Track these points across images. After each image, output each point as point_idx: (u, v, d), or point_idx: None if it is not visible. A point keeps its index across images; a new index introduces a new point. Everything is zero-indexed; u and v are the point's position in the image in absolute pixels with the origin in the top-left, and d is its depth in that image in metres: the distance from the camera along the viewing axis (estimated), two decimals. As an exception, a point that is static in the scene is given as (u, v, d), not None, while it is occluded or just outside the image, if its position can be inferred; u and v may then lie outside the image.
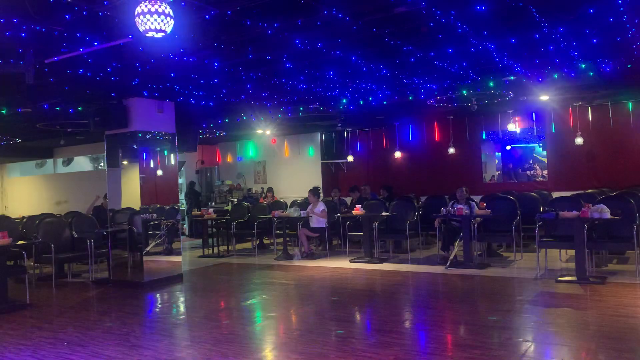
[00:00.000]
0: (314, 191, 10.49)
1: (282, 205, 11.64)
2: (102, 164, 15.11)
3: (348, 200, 12.30)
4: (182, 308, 6.98)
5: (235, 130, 13.95)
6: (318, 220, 10.24)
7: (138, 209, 8.30)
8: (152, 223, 8.45)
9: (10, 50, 5.65)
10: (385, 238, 10.17)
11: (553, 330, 5.11)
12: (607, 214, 6.90)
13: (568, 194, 9.01)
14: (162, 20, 4.03)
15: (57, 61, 6.02)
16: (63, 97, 8.27)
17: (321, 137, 14.99)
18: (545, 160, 13.67)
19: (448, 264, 8.37)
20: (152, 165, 8.66)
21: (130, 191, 8.39)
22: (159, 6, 4.01)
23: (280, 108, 10.59)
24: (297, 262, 9.70)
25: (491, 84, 8.97)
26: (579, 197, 8.32)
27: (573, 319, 5.47)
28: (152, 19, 4.00)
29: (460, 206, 8.42)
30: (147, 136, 8.46)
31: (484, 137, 13.36)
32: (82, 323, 6.01)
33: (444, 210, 8.58)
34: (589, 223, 7.05)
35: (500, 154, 16.14)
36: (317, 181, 14.43)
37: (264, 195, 14.01)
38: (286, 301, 7.06)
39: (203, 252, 11.35)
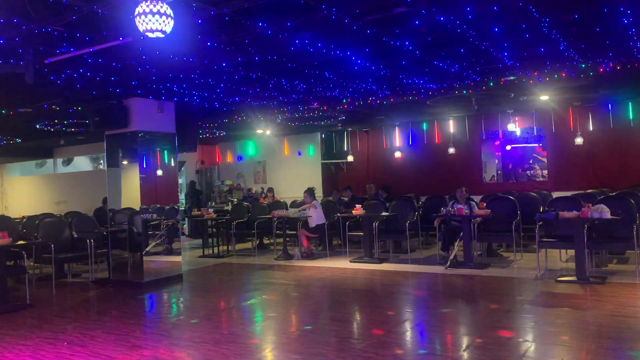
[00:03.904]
0: (310, 192, 10.49)
1: (282, 205, 11.65)
2: (102, 164, 15.11)
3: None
4: (182, 308, 6.98)
5: (235, 130, 13.96)
6: (316, 218, 10.21)
7: (138, 209, 8.30)
8: (152, 223, 8.45)
9: (10, 50, 5.65)
10: (385, 238, 10.16)
11: (553, 330, 5.11)
12: (607, 214, 6.90)
13: (568, 194, 9.00)
14: (162, 21, 4.03)
15: (57, 61, 6.03)
16: (63, 97, 8.27)
17: (321, 137, 14.99)
18: (545, 160, 13.67)
19: (448, 264, 8.37)
20: (152, 165, 8.66)
21: (130, 191, 8.39)
22: (159, 6, 4.01)
23: (280, 108, 10.60)
24: (297, 262, 9.70)
25: (491, 84, 8.97)
26: (579, 197, 8.31)
27: (573, 319, 5.47)
28: (152, 19, 4.00)
29: (460, 206, 8.42)
30: (147, 136, 8.46)
31: (484, 137, 13.36)
32: (82, 323, 6.02)
33: (444, 210, 8.57)
34: (589, 223, 7.04)
35: (500, 154, 16.13)
36: (317, 181, 14.43)
37: (264, 195, 14.01)
38: (286, 301, 7.06)
39: (203, 252, 11.35)
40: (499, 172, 15.90)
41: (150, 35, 4.11)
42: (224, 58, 6.63)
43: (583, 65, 7.82)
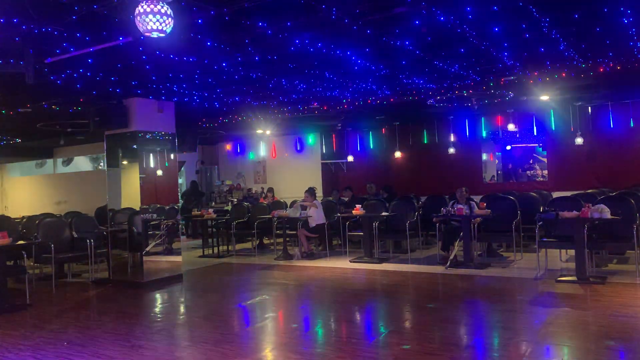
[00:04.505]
0: (311, 192, 10.50)
1: (282, 205, 11.65)
2: (102, 164, 15.10)
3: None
4: (182, 308, 6.98)
5: (235, 130, 13.96)
6: (316, 217, 10.21)
7: (138, 209, 8.30)
8: (152, 223, 8.45)
9: (10, 50, 5.65)
10: (385, 238, 10.16)
11: (553, 330, 5.10)
12: (607, 214, 6.90)
13: (568, 194, 9.00)
14: (162, 21, 4.03)
15: (57, 61, 6.03)
16: (63, 97, 8.27)
17: (321, 137, 14.99)
18: (545, 160, 13.68)
19: (448, 264, 8.37)
20: (152, 165, 8.66)
21: (130, 191, 8.39)
22: (159, 6, 4.01)
23: (280, 108, 10.60)
24: (297, 262, 9.70)
25: (491, 84, 8.97)
26: (579, 197, 8.31)
27: (573, 319, 5.47)
28: (152, 19, 4.00)
29: (460, 206, 8.42)
30: (147, 136, 8.46)
31: (484, 137, 13.36)
32: (82, 323, 6.02)
33: (444, 210, 8.57)
34: (589, 223, 7.04)
35: (500, 154, 16.13)
36: (317, 181, 14.43)
37: (264, 195, 14.01)
38: (286, 301, 7.06)
39: (203, 252, 11.35)
40: (499, 172, 15.90)
41: (150, 35, 4.11)
42: (224, 58, 6.63)
43: (583, 65, 7.82)
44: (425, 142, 13.81)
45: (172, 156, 8.91)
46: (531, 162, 15.96)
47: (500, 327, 5.22)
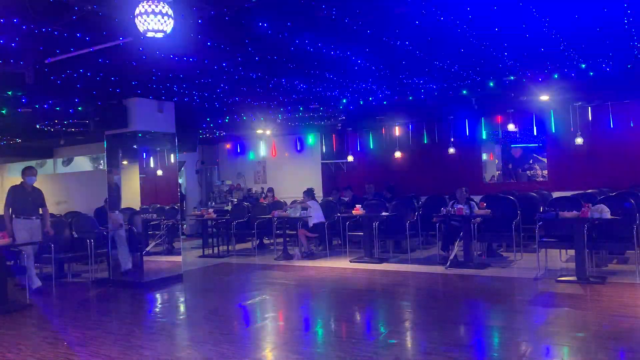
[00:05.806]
0: (308, 192, 10.49)
1: (282, 205, 11.65)
2: (102, 164, 15.09)
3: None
4: (182, 308, 6.98)
5: (235, 130, 13.95)
6: (315, 216, 10.21)
7: (138, 209, 8.30)
8: (152, 223, 8.44)
9: (10, 50, 5.65)
10: (385, 238, 10.16)
11: (553, 330, 5.10)
12: (607, 214, 6.90)
13: (568, 194, 9.00)
14: (162, 20, 4.04)
15: (57, 61, 6.03)
16: (63, 97, 8.27)
17: (321, 137, 14.99)
18: (545, 160, 13.68)
19: (448, 264, 8.37)
20: (152, 165, 8.66)
21: (130, 191, 8.38)
22: (159, 6, 4.01)
23: (280, 108, 10.60)
24: (297, 262, 9.70)
25: (491, 84, 8.98)
26: (579, 197, 8.31)
27: (573, 319, 5.47)
28: (152, 19, 4.00)
29: (460, 206, 8.42)
30: (147, 136, 8.45)
31: (484, 137, 13.37)
32: (82, 323, 6.01)
33: (444, 210, 8.57)
34: (589, 223, 7.04)
35: (500, 154, 16.13)
36: (317, 181, 14.44)
37: (264, 195, 14.00)
38: (286, 301, 7.05)
39: (203, 252, 11.35)
40: (499, 172, 15.90)
41: (150, 35, 4.11)
42: (224, 58, 6.64)
43: (583, 65, 7.82)
44: (425, 142, 13.80)
45: (172, 156, 8.91)
46: (531, 162, 15.96)
47: (500, 327, 5.22)
